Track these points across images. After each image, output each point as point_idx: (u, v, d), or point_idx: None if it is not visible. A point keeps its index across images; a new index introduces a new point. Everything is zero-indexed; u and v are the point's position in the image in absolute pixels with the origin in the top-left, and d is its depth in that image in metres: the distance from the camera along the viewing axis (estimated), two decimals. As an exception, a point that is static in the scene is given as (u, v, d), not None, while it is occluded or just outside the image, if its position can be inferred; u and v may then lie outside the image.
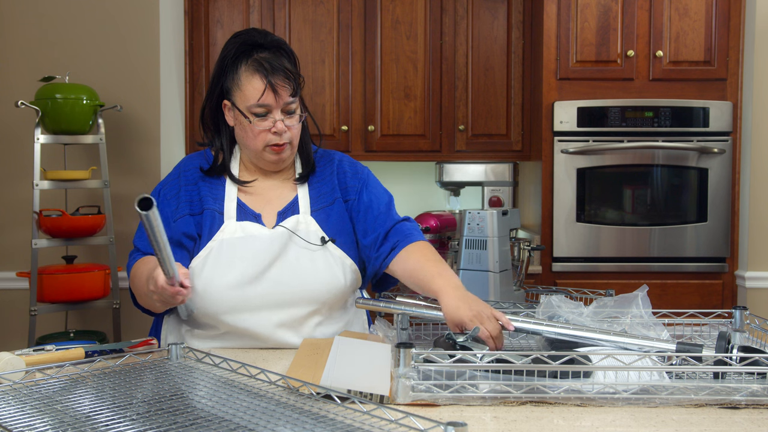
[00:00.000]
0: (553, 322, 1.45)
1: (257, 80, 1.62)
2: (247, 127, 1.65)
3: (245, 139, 1.68)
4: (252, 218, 1.67)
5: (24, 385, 1.20)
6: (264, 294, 1.61)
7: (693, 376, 1.26)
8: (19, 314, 3.16)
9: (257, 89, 1.62)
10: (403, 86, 3.55)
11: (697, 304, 3.08)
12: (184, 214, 1.66)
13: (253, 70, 1.63)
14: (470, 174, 3.68)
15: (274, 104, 1.63)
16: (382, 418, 0.99)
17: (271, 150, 1.67)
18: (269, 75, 1.61)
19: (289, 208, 1.70)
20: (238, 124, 1.68)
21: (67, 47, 3.20)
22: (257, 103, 1.62)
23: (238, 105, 1.65)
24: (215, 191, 1.69)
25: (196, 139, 3.46)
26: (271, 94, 1.62)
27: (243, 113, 1.64)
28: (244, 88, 1.63)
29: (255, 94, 1.62)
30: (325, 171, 1.78)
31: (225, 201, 1.68)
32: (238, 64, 1.65)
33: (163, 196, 1.70)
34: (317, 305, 1.65)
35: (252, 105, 1.62)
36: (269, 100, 1.62)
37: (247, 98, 1.63)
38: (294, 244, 1.65)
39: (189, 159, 1.77)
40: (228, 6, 3.51)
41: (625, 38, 3.21)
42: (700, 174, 3.20)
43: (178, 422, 1.00)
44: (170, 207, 1.68)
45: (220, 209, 1.67)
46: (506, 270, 1.98)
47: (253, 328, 1.61)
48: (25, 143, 3.11)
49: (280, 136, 1.65)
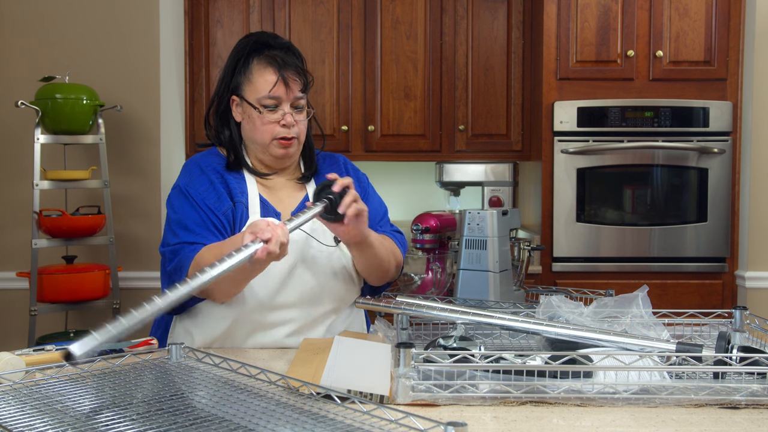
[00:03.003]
0: (553, 322, 1.45)
1: (270, 73, 1.67)
2: (255, 120, 1.67)
3: (253, 132, 1.69)
4: (273, 215, 1.69)
5: (24, 385, 1.20)
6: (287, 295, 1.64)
7: (693, 376, 1.26)
8: (19, 314, 3.16)
9: (269, 81, 1.66)
10: (403, 86, 3.55)
11: (697, 304, 3.08)
12: (230, 206, 1.65)
13: (266, 63, 1.68)
14: (470, 174, 3.68)
15: (284, 97, 1.67)
16: (382, 418, 0.99)
17: (279, 143, 1.68)
18: (281, 69, 1.66)
19: (300, 207, 1.73)
20: (246, 118, 1.70)
21: (67, 47, 3.20)
22: (268, 94, 1.66)
23: (248, 98, 1.68)
24: (241, 185, 1.70)
25: (196, 139, 3.46)
26: (283, 87, 1.66)
27: (253, 105, 1.67)
28: (256, 81, 1.67)
29: (266, 86, 1.66)
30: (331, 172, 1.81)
31: (249, 196, 1.69)
32: (250, 60, 1.69)
33: (197, 191, 1.66)
34: (336, 304, 1.71)
35: (263, 96, 1.66)
36: (280, 92, 1.66)
37: (259, 90, 1.66)
38: (310, 246, 1.68)
39: (203, 157, 1.75)
40: (228, 6, 3.51)
41: (625, 38, 3.21)
42: (700, 174, 3.20)
43: (178, 422, 1.00)
44: (212, 197, 1.65)
45: (246, 203, 1.68)
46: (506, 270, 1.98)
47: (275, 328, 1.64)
48: (25, 143, 3.11)
49: (288, 129, 1.68)
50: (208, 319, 1.66)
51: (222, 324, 1.65)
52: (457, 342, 1.39)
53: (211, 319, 1.66)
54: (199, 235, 1.61)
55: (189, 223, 1.62)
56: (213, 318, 1.65)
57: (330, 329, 1.71)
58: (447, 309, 1.50)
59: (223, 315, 1.64)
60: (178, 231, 1.63)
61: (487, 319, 1.47)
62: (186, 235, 1.61)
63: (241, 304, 1.63)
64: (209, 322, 1.66)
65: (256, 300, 1.63)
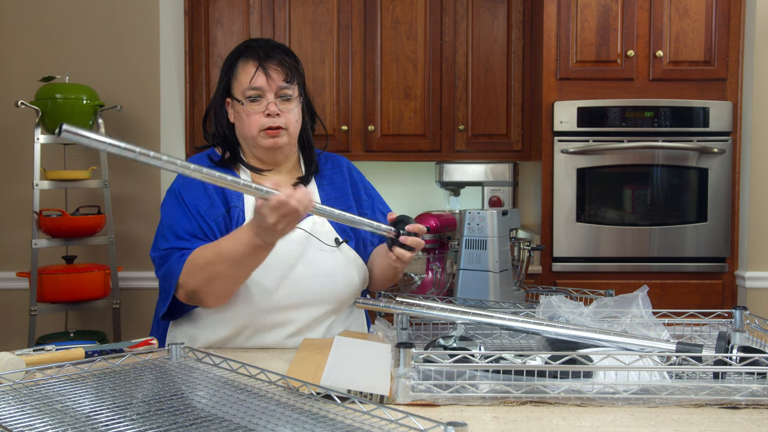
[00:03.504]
0: (553, 322, 1.45)
1: (250, 65, 1.69)
2: (242, 113, 1.69)
3: (242, 128, 1.71)
4: None
5: (24, 385, 1.20)
6: (287, 295, 1.64)
7: (693, 376, 1.26)
8: (19, 314, 3.16)
9: (249, 73, 1.68)
10: (403, 86, 3.55)
11: (697, 304, 3.08)
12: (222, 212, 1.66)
13: (248, 58, 1.71)
14: (470, 174, 3.68)
15: (266, 86, 1.68)
16: (382, 418, 0.99)
17: (266, 134, 1.69)
18: (262, 60, 1.69)
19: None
20: (236, 116, 1.72)
21: (67, 47, 3.20)
22: (249, 86, 1.68)
23: (235, 94, 1.70)
24: None
25: (196, 138, 3.46)
26: (263, 76, 1.68)
27: (239, 100, 1.69)
28: (239, 76, 1.70)
29: (247, 78, 1.68)
30: (334, 175, 1.83)
31: (245, 199, 1.69)
32: (238, 61, 1.72)
33: (190, 196, 1.66)
34: (336, 305, 1.70)
35: (245, 89, 1.68)
36: (260, 82, 1.67)
37: (242, 84, 1.69)
38: (311, 246, 1.68)
39: (200, 158, 1.76)
40: (228, 6, 3.51)
41: (625, 38, 3.21)
42: (700, 174, 3.20)
43: (178, 422, 1.00)
44: (204, 204, 1.66)
45: (242, 207, 1.68)
46: (506, 270, 1.98)
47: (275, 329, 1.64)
48: (25, 143, 3.11)
49: (273, 119, 1.68)
50: (211, 323, 1.66)
51: (225, 328, 1.65)
52: (457, 342, 1.39)
53: (214, 323, 1.65)
54: (188, 241, 1.61)
55: (179, 230, 1.62)
56: (216, 322, 1.65)
57: (330, 329, 1.71)
58: (447, 309, 1.50)
59: (226, 318, 1.64)
60: (168, 236, 1.63)
61: (487, 319, 1.47)
62: (175, 241, 1.61)
63: (242, 306, 1.63)
64: (212, 326, 1.66)
65: (257, 302, 1.63)
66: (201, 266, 1.54)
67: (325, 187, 1.80)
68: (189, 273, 1.55)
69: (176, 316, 1.68)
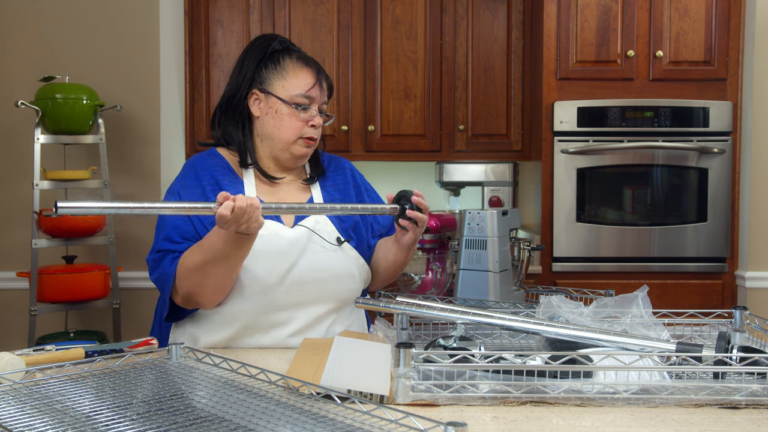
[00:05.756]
0: (553, 322, 1.45)
1: (307, 73, 1.71)
2: (284, 116, 1.69)
3: (278, 128, 1.70)
4: (273, 217, 1.69)
5: (24, 385, 1.20)
6: (288, 293, 1.64)
7: (693, 376, 1.26)
8: (19, 314, 3.16)
9: (307, 81, 1.70)
10: (403, 86, 3.55)
11: (697, 304, 3.08)
12: None
13: (303, 63, 1.73)
14: (470, 174, 3.68)
15: (317, 98, 1.71)
16: (382, 418, 0.99)
17: (304, 142, 1.71)
18: (319, 72, 1.73)
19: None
20: (271, 113, 1.70)
21: (67, 47, 3.20)
22: (305, 93, 1.69)
23: (279, 93, 1.69)
24: (238, 189, 1.70)
25: (196, 138, 3.46)
26: (318, 89, 1.71)
27: (285, 101, 1.68)
28: (291, 78, 1.70)
29: (303, 85, 1.70)
30: (337, 177, 1.85)
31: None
32: (282, 58, 1.72)
33: (188, 196, 1.67)
34: (337, 304, 1.71)
35: (298, 94, 1.69)
36: (315, 93, 1.71)
37: (294, 87, 1.69)
38: (313, 244, 1.69)
39: (200, 158, 1.75)
40: (228, 6, 3.51)
41: (625, 38, 3.21)
42: (700, 174, 3.20)
43: (178, 422, 1.00)
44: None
45: None
46: (506, 270, 1.98)
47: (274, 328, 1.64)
48: (25, 143, 3.11)
49: (315, 130, 1.71)
50: (213, 323, 1.66)
51: (228, 328, 1.65)
52: (457, 342, 1.39)
53: (216, 323, 1.65)
54: (182, 245, 1.62)
55: (173, 234, 1.63)
56: (218, 322, 1.65)
57: (331, 328, 1.71)
58: (447, 309, 1.50)
59: (228, 318, 1.64)
60: (163, 239, 1.64)
61: (487, 319, 1.46)
62: (169, 245, 1.63)
63: (244, 306, 1.63)
64: (214, 326, 1.66)
65: (259, 300, 1.63)
66: (191, 268, 1.56)
67: (328, 188, 1.82)
68: (181, 277, 1.57)
69: (179, 318, 1.69)
